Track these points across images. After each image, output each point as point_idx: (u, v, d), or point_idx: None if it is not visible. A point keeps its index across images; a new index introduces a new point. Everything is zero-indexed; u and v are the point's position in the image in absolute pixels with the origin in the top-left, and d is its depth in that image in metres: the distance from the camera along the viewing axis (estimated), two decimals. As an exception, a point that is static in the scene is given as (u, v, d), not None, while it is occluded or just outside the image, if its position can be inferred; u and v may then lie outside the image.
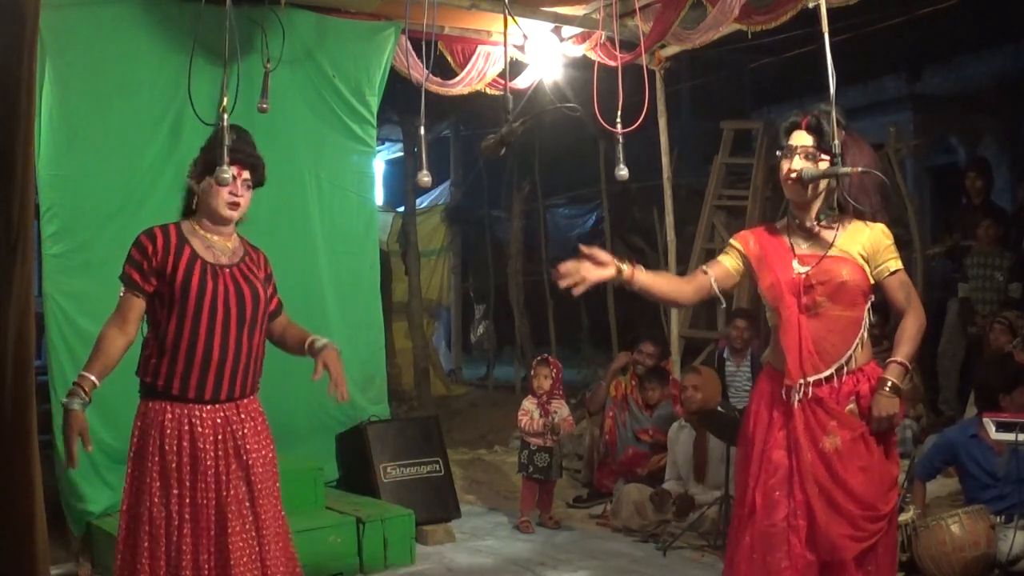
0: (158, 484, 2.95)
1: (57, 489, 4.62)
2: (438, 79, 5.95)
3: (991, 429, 4.24)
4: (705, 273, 3.11)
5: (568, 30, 5.99)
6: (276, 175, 5.23)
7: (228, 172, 3.14)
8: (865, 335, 2.95)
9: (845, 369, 2.92)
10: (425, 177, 3.27)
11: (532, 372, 5.91)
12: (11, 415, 1.87)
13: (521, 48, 5.96)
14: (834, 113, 2.91)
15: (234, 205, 3.10)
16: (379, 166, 13.02)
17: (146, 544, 2.93)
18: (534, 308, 11.54)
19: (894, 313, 3.04)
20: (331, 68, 5.38)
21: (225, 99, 4.17)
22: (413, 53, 5.58)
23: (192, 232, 3.11)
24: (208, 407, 3.00)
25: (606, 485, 6.13)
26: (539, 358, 6.03)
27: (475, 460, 7.46)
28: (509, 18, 3.74)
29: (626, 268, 2.90)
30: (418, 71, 5.31)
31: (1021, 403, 4.56)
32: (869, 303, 2.96)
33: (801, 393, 2.90)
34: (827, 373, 2.90)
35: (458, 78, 6.02)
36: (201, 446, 2.96)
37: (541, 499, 5.68)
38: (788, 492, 2.90)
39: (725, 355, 6.95)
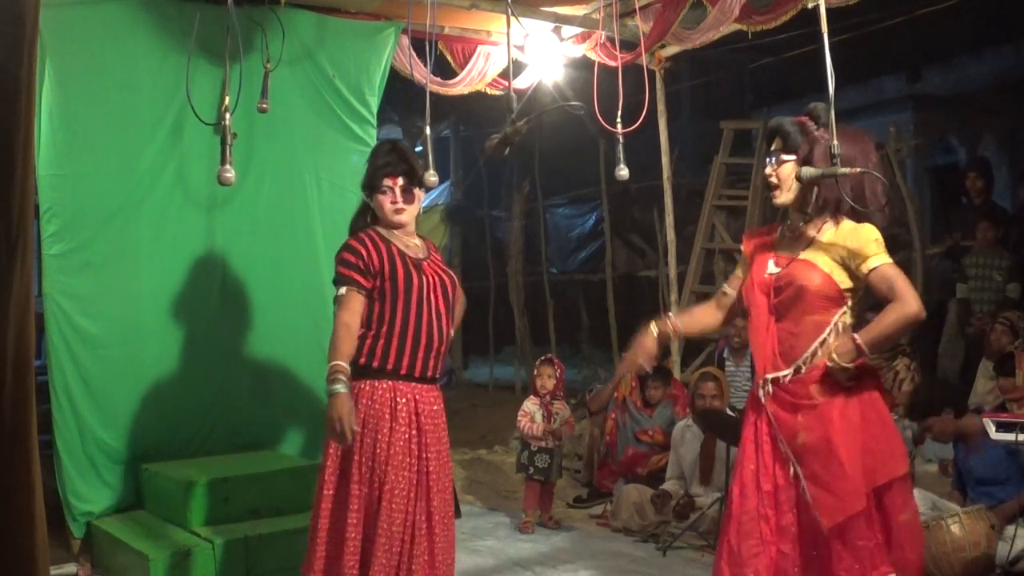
0: (393, 452, 3.21)
1: (57, 489, 4.62)
2: (438, 79, 5.95)
3: (991, 429, 4.24)
4: (725, 294, 3.28)
5: (568, 30, 5.99)
6: (276, 175, 5.30)
7: (231, 172, 3.21)
8: (830, 337, 2.91)
9: (803, 368, 2.93)
10: (432, 177, 3.28)
11: (535, 372, 5.91)
12: (11, 415, 1.87)
13: (521, 48, 5.96)
14: (832, 113, 2.90)
15: (399, 211, 3.38)
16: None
17: (354, 505, 3.20)
18: (534, 308, 11.54)
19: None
20: (331, 68, 5.37)
21: (227, 99, 4.18)
22: (413, 53, 5.57)
23: (389, 235, 3.40)
24: (426, 386, 3.34)
25: (606, 485, 6.13)
26: (543, 358, 6.03)
27: (475, 460, 7.46)
28: (512, 17, 3.74)
29: (663, 326, 3.27)
30: (419, 71, 5.31)
31: (941, 429, 4.66)
32: (846, 306, 2.92)
33: (767, 390, 2.99)
34: (785, 372, 2.95)
35: (458, 78, 6.02)
36: (423, 420, 3.29)
37: (541, 499, 5.68)
38: (756, 484, 2.99)
39: (725, 355, 6.95)
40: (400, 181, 3.37)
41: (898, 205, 7.71)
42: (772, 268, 3.02)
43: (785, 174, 2.99)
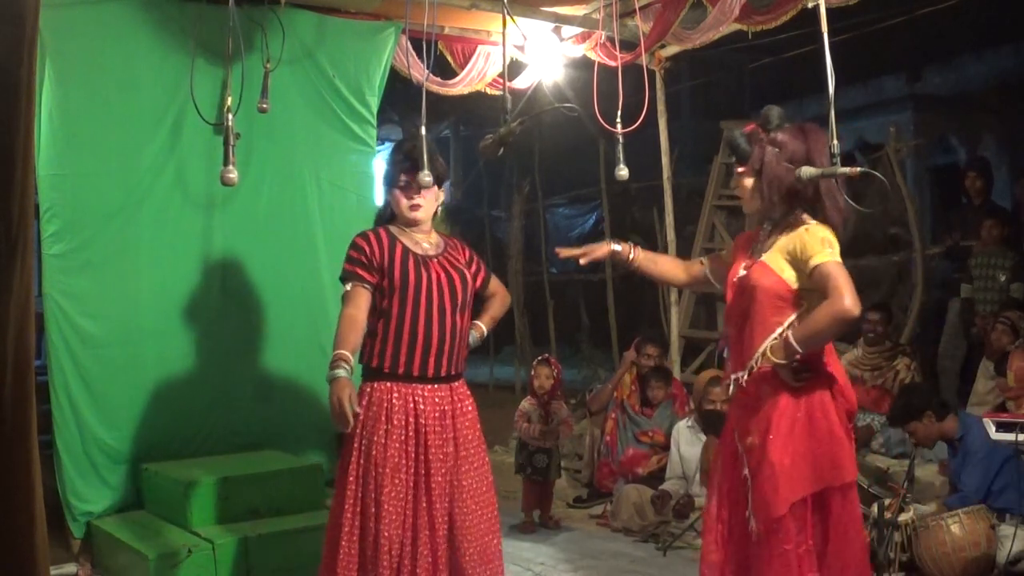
0: (389, 455, 3.21)
1: (57, 489, 4.62)
2: (438, 79, 5.95)
3: (991, 429, 4.24)
4: (701, 263, 3.37)
5: (568, 30, 5.99)
6: (276, 175, 5.29)
7: (234, 173, 3.24)
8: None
9: (754, 369, 2.94)
10: (426, 177, 3.28)
11: (532, 372, 5.91)
12: (11, 415, 1.87)
13: (521, 48, 5.96)
14: (832, 114, 2.90)
15: (415, 207, 3.39)
16: (379, 166, 13.03)
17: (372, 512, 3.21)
18: (534, 308, 11.53)
19: None
20: (331, 68, 5.37)
21: (229, 99, 4.18)
22: (413, 53, 5.57)
23: (401, 232, 3.42)
24: (429, 386, 3.30)
25: (606, 485, 6.13)
26: (540, 358, 6.03)
27: (475, 460, 7.44)
28: (508, 18, 3.74)
29: (624, 246, 3.26)
30: (418, 71, 5.31)
31: (924, 433, 4.64)
32: (802, 308, 2.89)
33: (733, 391, 3.05)
34: (742, 373, 2.97)
35: (458, 78, 6.02)
36: (423, 421, 3.27)
37: (541, 499, 5.68)
38: (716, 483, 3.06)
39: (725, 355, 6.93)
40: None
41: (898, 205, 7.71)
42: (740, 272, 3.05)
43: (742, 185, 3.04)
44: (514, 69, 5.98)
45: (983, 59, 12.83)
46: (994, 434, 4.22)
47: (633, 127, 3.99)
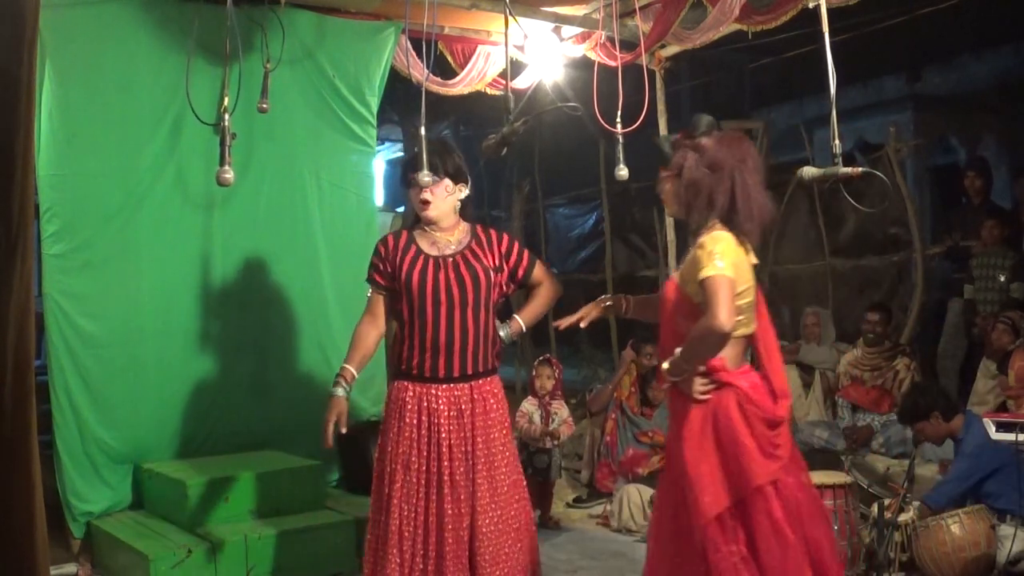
0: (400, 451, 3.31)
1: (57, 489, 4.62)
2: (438, 79, 5.95)
3: (991, 429, 4.24)
4: None
5: (568, 30, 5.99)
6: (276, 175, 5.29)
7: (230, 173, 3.26)
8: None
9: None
10: (425, 177, 3.28)
11: (534, 372, 5.91)
12: (11, 415, 1.87)
13: (521, 48, 5.96)
14: (834, 114, 2.90)
15: (424, 204, 3.41)
16: (379, 166, 13.02)
17: (396, 509, 3.30)
18: (534, 308, 11.51)
19: None
20: (331, 68, 5.37)
21: (226, 99, 4.18)
22: (413, 53, 5.57)
23: (421, 233, 3.46)
24: (444, 386, 3.34)
25: (606, 485, 6.13)
26: (541, 358, 6.03)
27: (475, 460, 7.44)
28: (510, 18, 3.74)
29: (617, 299, 3.34)
30: (418, 71, 5.31)
31: (933, 432, 4.64)
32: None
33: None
34: (667, 385, 3.01)
35: (458, 78, 6.02)
36: (436, 420, 3.31)
37: (541, 499, 5.67)
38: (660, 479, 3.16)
39: (725, 355, 6.93)
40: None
41: (898, 205, 7.70)
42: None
43: (665, 190, 3.06)
44: (514, 69, 5.97)
45: (983, 59, 12.82)
46: (994, 434, 4.22)
47: (633, 127, 3.99)
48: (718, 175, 2.87)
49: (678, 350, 2.85)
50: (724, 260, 2.77)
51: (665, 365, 2.90)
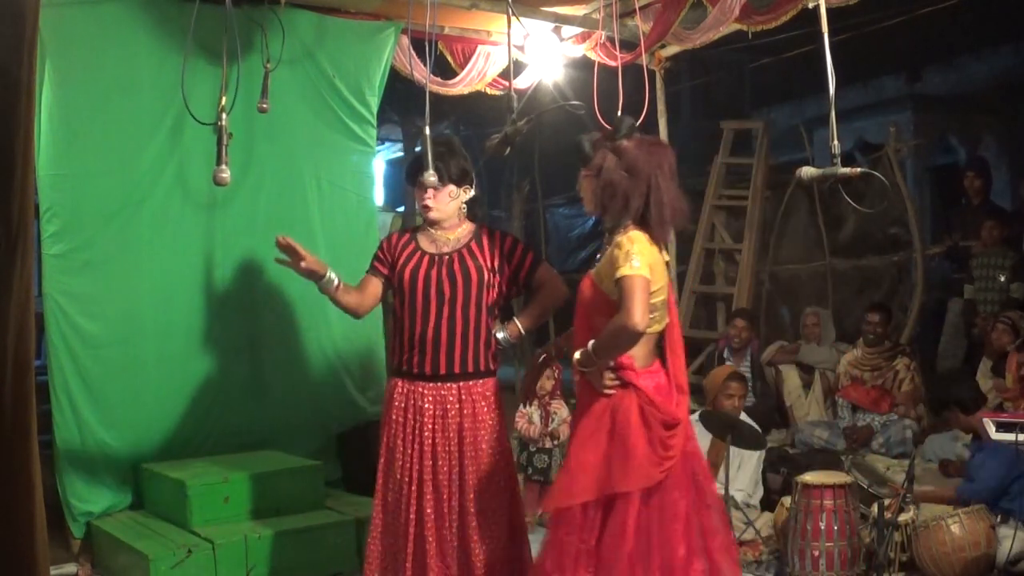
0: (388, 447, 3.40)
1: (57, 489, 4.62)
2: (438, 79, 5.95)
3: (991, 429, 4.23)
4: None
5: (568, 30, 5.99)
6: (276, 175, 5.29)
7: (226, 172, 3.26)
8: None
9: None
10: (431, 177, 3.28)
11: (533, 372, 5.90)
12: (11, 415, 1.87)
13: (521, 48, 5.96)
14: (832, 114, 2.90)
15: (425, 206, 3.46)
16: (379, 166, 13.02)
17: (380, 502, 3.42)
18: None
19: None
20: (331, 68, 5.37)
21: (224, 99, 4.17)
22: (413, 53, 5.57)
23: (423, 232, 3.52)
24: (430, 384, 3.37)
25: (606, 485, 6.12)
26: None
27: (475, 460, 7.42)
28: (512, 17, 3.74)
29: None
30: (419, 71, 5.31)
31: (963, 422, 4.65)
32: None
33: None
34: (576, 376, 3.06)
35: (458, 78, 6.02)
36: (422, 418, 3.35)
37: (542, 499, 5.67)
38: None
39: (725, 355, 6.95)
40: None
41: (898, 205, 7.71)
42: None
43: (584, 188, 3.09)
44: (515, 69, 5.97)
45: (983, 59, 12.81)
46: (994, 434, 4.22)
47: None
48: (635, 178, 2.94)
49: (591, 343, 2.92)
50: (640, 260, 2.85)
51: (576, 356, 2.98)
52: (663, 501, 2.91)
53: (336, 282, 3.45)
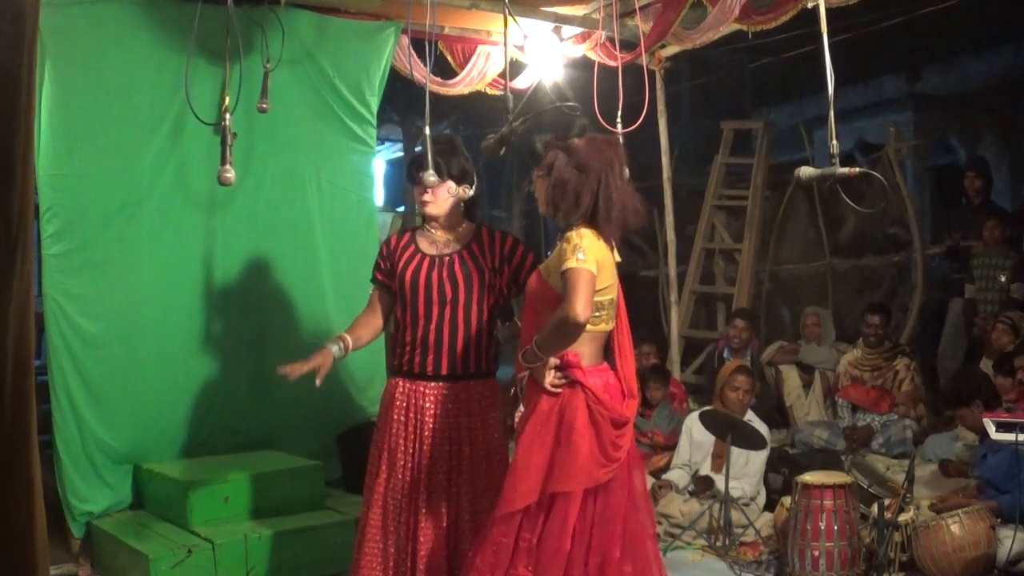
0: (388, 446, 3.37)
1: (57, 489, 4.62)
2: (438, 79, 5.95)
3: (991, 429, 4.23)
4: None
5: (568, 30, 5.99)
6: (276, 175, 5.29)
7: (231, 172, 3.27)
8: None
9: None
10: (431, 177, 3.28)
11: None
12: (11, 415, 1.87)
13: (521, 48, 5.96)
14: (831, 114, 2.90)
15: (423, 204, 3.44)
16: (379, 166, 13.02)
17: (379, 501, 3.37)
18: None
19: None
20: (331, 68, 5.37)
21: (227, 99, 4.18)
22: (413, 53, 5.57)
23: (423, 233, 3.50)
24: (432, 384, 3.37)
25: (606, 485, 6.12)
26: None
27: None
28: (509, 18, 3.75)
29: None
30: (419, 71, 5.31)
31: (973, 421, 4.63)
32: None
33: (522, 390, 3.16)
34: (524, 374, 3.09)
35: (458, 78, 6.02)
36: (421, 418, 3.35)
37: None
38: None
39: (725, 355, 6.95)
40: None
41: (898, 205, 7.71)
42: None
43: (538, 189, 3.11)
44: (514, 69, 5.98)
45: (983, 59, 12.82)
46: (994, 434, 4.22)
47: (633, 127, 3.99)
48: (585, 176, 2.95)
49: (535, 338, 2.93)
50: (587, 254, 2.86)
51: (520, 353, 2.99)
52: (607, 501, 2.92)
53: (345, 343, 3.44)
